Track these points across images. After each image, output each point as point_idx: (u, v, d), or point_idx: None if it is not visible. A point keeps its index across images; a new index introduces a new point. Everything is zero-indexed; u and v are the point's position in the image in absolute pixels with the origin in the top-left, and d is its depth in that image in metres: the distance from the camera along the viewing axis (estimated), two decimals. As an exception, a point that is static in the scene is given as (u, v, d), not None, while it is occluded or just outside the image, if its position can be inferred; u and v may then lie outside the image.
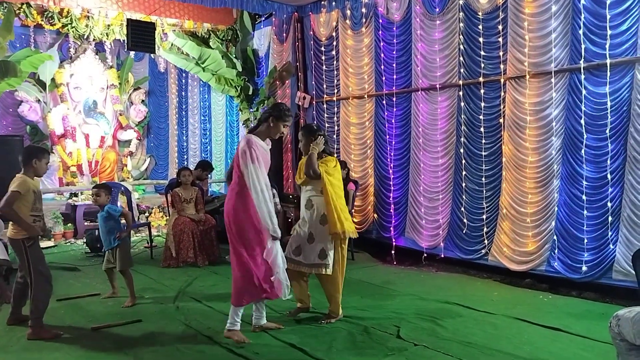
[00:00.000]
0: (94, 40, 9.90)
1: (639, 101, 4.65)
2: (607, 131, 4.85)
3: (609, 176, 4.86)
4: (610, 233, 4.87)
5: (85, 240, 7.51)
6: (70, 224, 8.21)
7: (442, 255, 6.27)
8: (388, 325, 4.16)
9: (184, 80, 11.20)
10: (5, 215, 4.04)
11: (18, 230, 4.02)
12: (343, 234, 4.22)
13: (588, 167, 5.02)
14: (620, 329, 2.51)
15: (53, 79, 10.08)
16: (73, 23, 8.82)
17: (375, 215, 7.20)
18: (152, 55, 10.59)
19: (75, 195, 9.05)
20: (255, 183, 3.75)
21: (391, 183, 6.95)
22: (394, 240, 6.83)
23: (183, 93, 11.26)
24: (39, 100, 10.03)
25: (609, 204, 4.86)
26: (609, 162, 4.87)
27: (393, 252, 6.73)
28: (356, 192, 7.07)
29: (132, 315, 4.52)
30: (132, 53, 10.57)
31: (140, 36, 8.06)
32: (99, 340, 3.95)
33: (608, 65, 4.82)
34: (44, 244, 7.09)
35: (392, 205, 6.93)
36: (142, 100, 11.50)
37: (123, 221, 5.10)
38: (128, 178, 10.73)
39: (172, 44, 9.61)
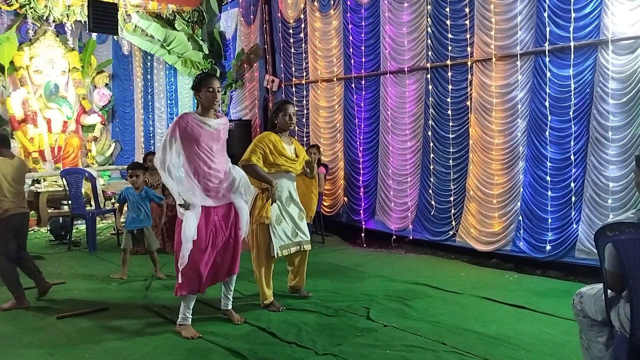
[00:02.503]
0: (54, 21, 9.53)
1: (602, 83, 4.74)
2: (571, 113, 4.94)
3: (572, 157, 4.96)
4: (573, 213, 4.98)
5: (49, 228, 7.32)
6: (33, 212, 7.98)
7: (411, 237, 6.34)
8: (358, 307, 4.19)
9: (149, 63, 10.89)
10: None
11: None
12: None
13: (552, 149, 5.11)
14: (582, 306, 2.57)
15: (12, 62, 9.70)
16: (31, 3, 8.47)
17: (346, 199, 7.21)
18: (115, 37, 10.28)
19: (38, 182, 8.80)
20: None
21: (361, 166, 6.96)
22: (363, 223, 6.87)
23: (148, 76, 10.97)
24: (-4, 84, 9.66)
25: (572, 185, 4.97)
26: (572, 143, 4.96)
27: (363, 234, 6.77)
28: (326, 175, 7.07)
29: (98, 303, 4.44)
30: (94, 35, 10.21)
31: (102, 17, 7.81)
32: (65, 329, 3.87)
33: (572, 48, 4.89)
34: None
35: (362, 189, 6.95)
36: (106, 84, 11.18)
37: None
38: (93, 164, 10.46)
39: (135, 26, 9.34)
